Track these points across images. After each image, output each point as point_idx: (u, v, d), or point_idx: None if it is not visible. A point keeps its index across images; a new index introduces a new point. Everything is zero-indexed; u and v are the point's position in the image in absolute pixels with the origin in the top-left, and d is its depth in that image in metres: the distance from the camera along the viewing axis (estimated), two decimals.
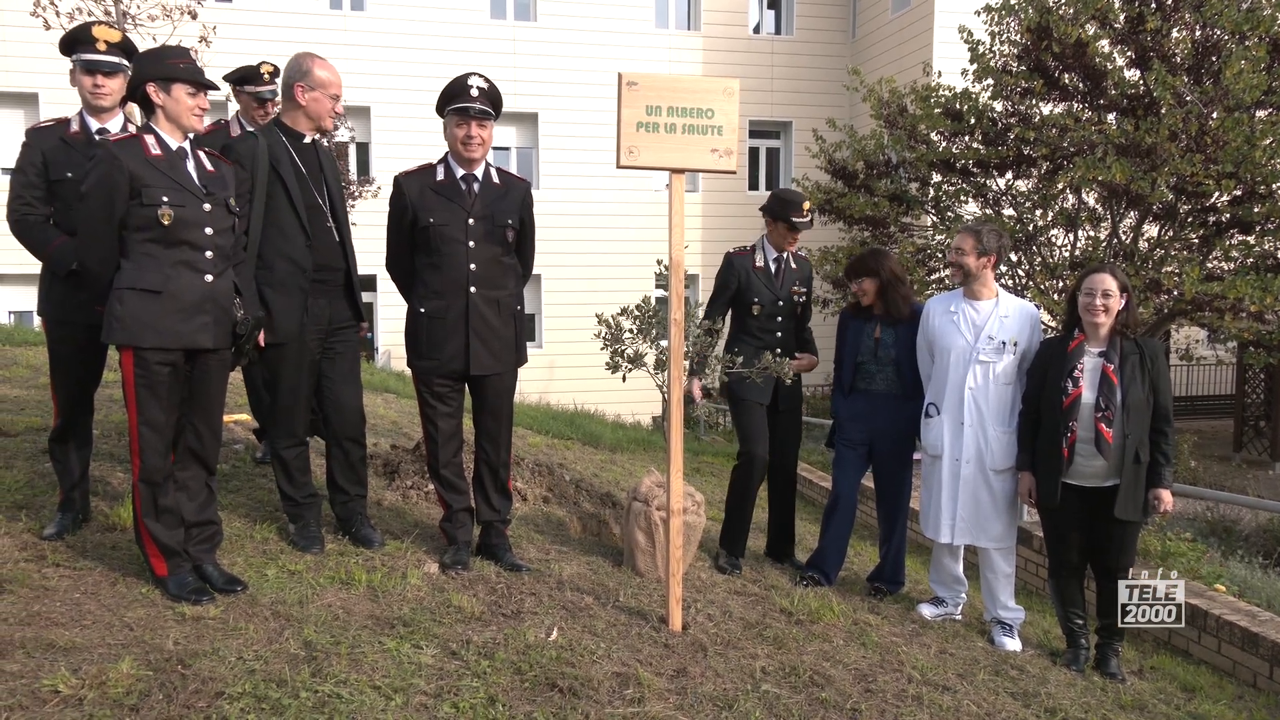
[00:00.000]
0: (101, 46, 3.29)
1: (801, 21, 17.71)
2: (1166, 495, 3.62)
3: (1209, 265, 9.32)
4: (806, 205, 4.23)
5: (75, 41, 3.31)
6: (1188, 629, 4.49)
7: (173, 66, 2.92)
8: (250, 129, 3.91)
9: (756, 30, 17.96)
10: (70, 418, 3.46)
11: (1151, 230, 9.80)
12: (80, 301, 3.17)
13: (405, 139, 15.24)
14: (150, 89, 2.90)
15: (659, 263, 3.71)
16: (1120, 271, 3.67)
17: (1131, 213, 9.50)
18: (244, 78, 4.28)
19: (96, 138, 3.31)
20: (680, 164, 3.19)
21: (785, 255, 4.34)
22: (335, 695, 2.45)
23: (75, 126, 3.39)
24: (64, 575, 3.06)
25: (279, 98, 3.81)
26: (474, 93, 3.42)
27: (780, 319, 4.27)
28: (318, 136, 3.57)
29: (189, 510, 3.08)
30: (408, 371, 3.69)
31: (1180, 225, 9.47)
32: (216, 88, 3.12)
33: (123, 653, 2.54)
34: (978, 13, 10.21)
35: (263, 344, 3.29)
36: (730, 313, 4.34)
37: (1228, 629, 4.30)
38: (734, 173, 3.31)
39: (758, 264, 4.30)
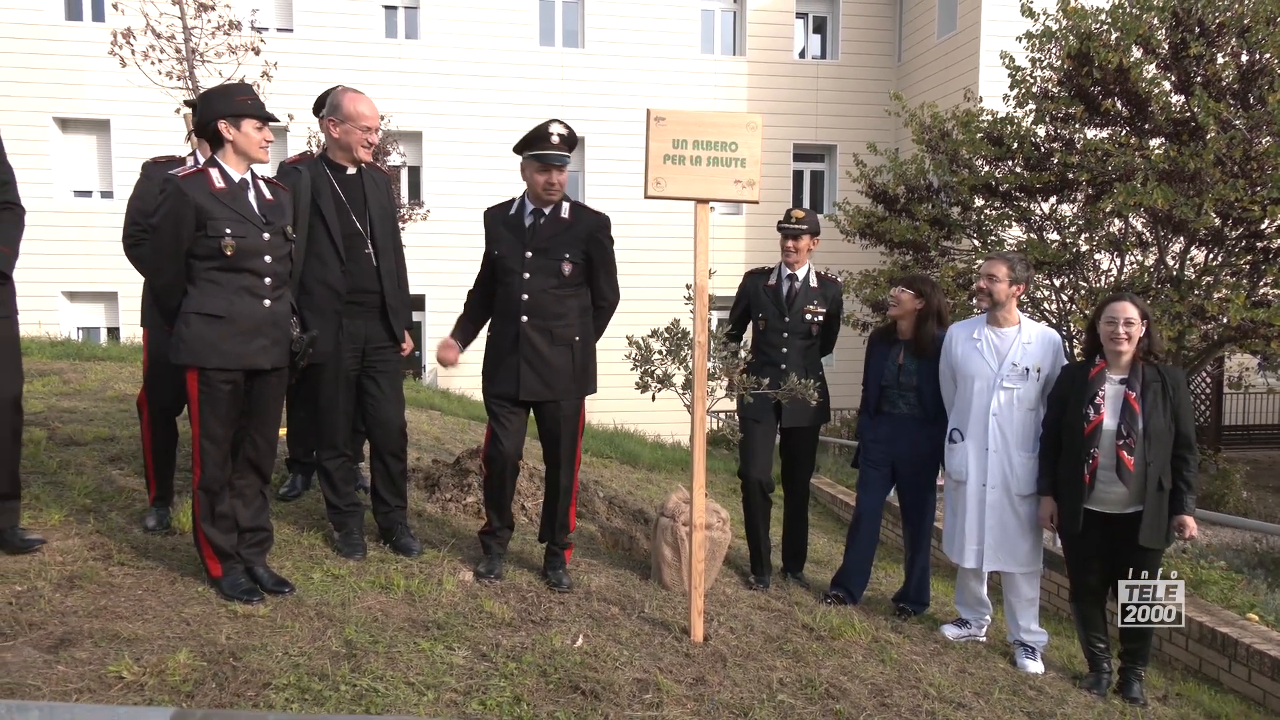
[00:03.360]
0: None
1: (846, 46, 17.81)
2: (1190, 522, 3.65)
3: (1260, 291, 9.19)
4: (795, 214, 4.38)
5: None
6: (1218, 657, 4.48)
7: (241, 104, 3.14)
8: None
9: (801, 55, 18.10)
10: (167, 418, 3.78)
11: (1199, 256, 9.69)
12: None
13: (456, 163, 15.64)
14: (221, 125, 3.12)
15: (687, 287, 3.86)
16: (1140, 299, 3.72)
17: (1179, 238, 9.42)
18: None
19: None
20: (704, 194, 3.36)
21: (804, 276, 4.45)
22: (372, 690, 2.63)
23: (193, 164, 3.68)
24: (128, 573, 3.30)
25: None
26: (555, 140, 3.57)
27: (785, 335, 4.36)
28: (364, 166, 3.78)
29: (244, 516, 3.30)
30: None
31: (1228, 252, 9.36)
32: (279, 120, 3.36)
33: (180, 645, 2.74)
34: (1019, 39, 10.24)
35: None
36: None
37: (1258, 658, 4.28)
38: (756, 202, 3.46)
39: (769, 282, 4.44)
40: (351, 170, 3.72)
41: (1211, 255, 9.53)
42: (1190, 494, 3.64)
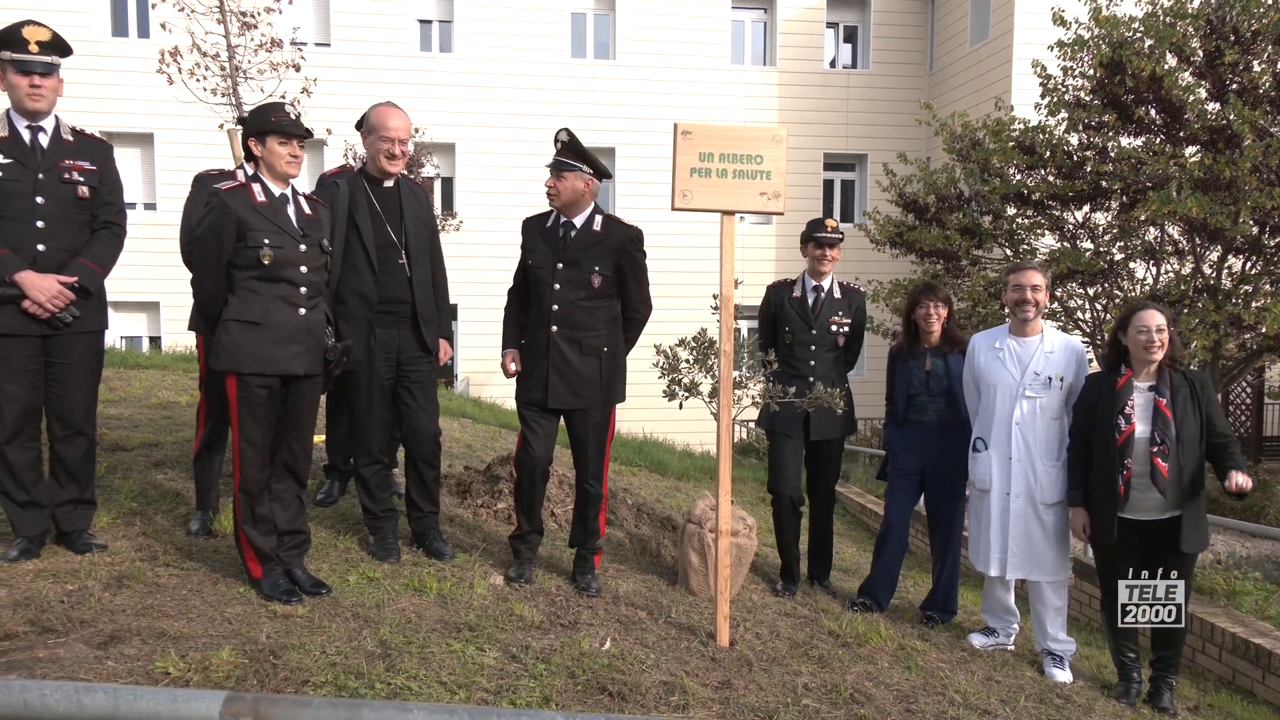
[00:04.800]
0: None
1: (878, 55, 17.78)
2: (1238, 477, 3.55)
3: None
4: (830, 222, 4.41)
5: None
6: (1251, 668, 4.44)
7: (265, 120, 3.28)
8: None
9: (832, 64, 18.11)
10: (217, 426, 3.90)
11: (1236, 265, 9.57)
12: None
13: (489, 174, 15.84)
14: (251, 142, 3.27)
15: (714, 297, 3.93)
16: (1162, 307, 3.75)
17: (1215, 247, 9.31)
18: None
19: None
20: (730, 206, 3.42)
21: (828, 287, 4.47)
22: (406, 688, 2.72)
23: (241, 178, 3.82)
24: (173, 574, 3.42)
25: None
26: (557, 147, 3.70)
27: (813, 348, 4.39)
28: (403, 177, 3.89)
29: (282, 519, 3.41)
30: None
31: (1266, 260, 9.23)
32: (307, 134, 3.43)
33: (222, 643, 2.85)
34: (1051, 47, 10.19)
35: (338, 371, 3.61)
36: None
37: None
38: (781, 214, 3.51)
39: (794, 294, 4.47)
40: (389, 183, 3.83)
41: (1249, 264, 9.41)
42: (1238, 462, 3.60)
